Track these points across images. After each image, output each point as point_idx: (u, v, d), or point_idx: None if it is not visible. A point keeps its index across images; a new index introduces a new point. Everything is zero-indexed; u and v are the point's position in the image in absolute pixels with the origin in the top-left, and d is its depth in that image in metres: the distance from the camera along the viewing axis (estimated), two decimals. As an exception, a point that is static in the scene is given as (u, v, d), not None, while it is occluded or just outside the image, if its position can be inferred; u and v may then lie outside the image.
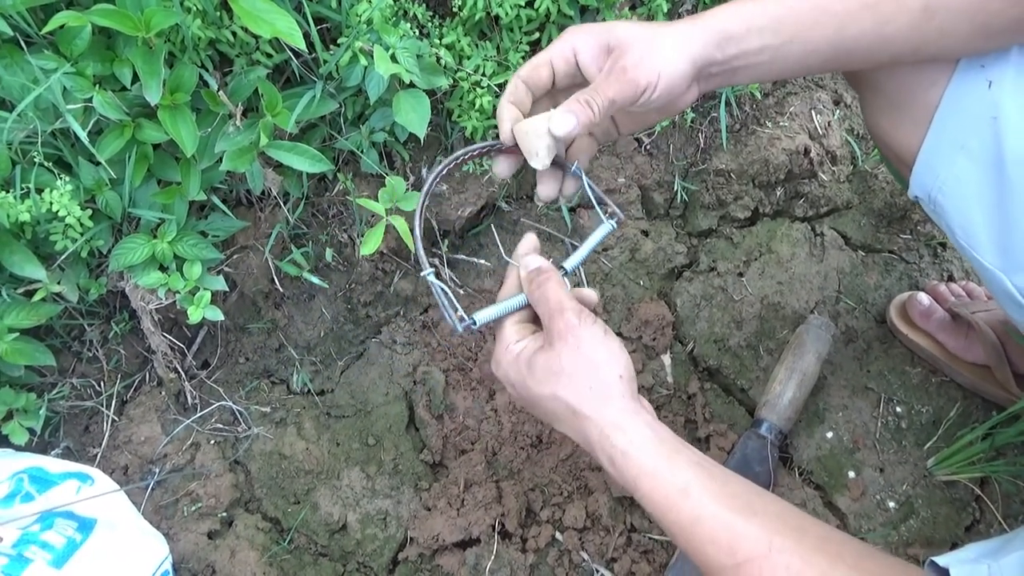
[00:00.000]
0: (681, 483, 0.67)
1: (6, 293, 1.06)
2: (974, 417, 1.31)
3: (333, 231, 1.29)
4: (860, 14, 0.75)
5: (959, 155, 0.84)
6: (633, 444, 0.70)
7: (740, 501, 0.67)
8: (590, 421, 0.72)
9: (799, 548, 0.63)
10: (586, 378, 0.72)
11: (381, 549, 1.21)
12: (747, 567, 0.63)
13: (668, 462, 0.69)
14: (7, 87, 0.95)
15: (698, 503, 0.66)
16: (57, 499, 1.06)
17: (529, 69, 0.80)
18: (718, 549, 0.65)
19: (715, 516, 0.65)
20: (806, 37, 0.76)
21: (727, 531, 0.65)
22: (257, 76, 1.05)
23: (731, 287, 1.42)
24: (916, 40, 0.77)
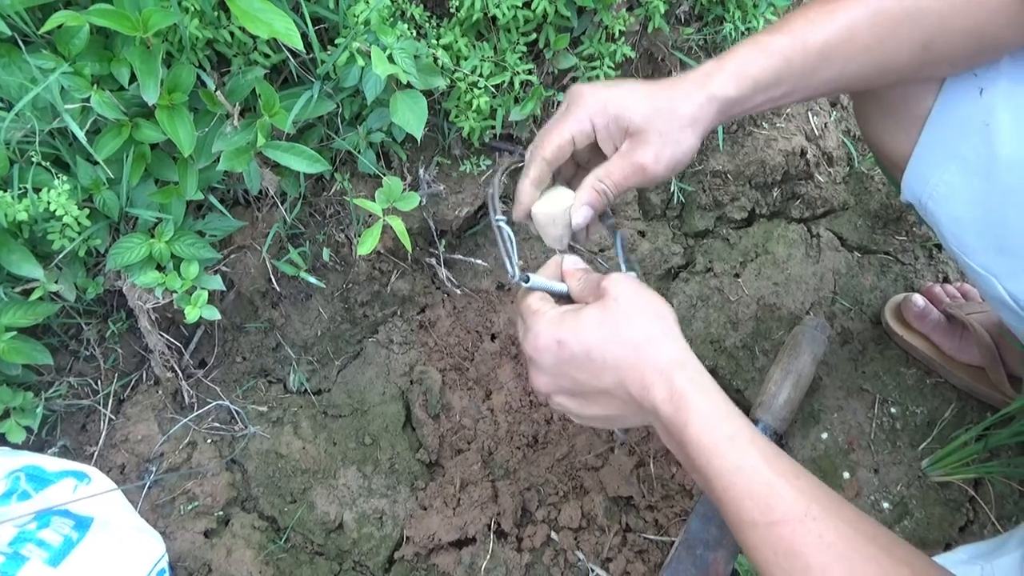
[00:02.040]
0: (731, 431, 0.66)
1: (4, 292, 1.06)
2: (968, 418, 1.31)
3: (330, 231, 1.29)
4: (860, 58, 0.76)
5: (951, 162, 0.85)
6: (693, 383, 0.68)
7: (784, 463, 0.65)
8: (652, 357, 0.69)
9: (834, 520, 0.61)
10: (649, 315, 0.71)
11: (377, 548, 1.21)
12: (779, 528, 0.62)
13: (723, 408, 0.68)
14: (5, 86, 0.95)
15: (744, 453, 0.65)
16: (54, 497, 1.06)
17: (554, 151, 0.81)
18: (754, 504, 0.63)
19: (756, 469, 0.64)
20: (807, 84, 0.78)
21: (766, 487, 0.63)
22: (255, 76, 1.05)
23: (727, 288, 1.42)
24: (914, 71, 0.80)
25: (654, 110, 0.77)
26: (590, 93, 0.80)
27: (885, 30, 0.75)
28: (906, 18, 0.74)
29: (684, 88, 0.77)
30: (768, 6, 1.34)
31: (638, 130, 0.77)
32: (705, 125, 0.78)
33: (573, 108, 0.81)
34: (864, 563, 0.59)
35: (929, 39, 0.75)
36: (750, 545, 0.64)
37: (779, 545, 0.62)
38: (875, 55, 0.76)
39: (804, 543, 0.61)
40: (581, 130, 0.80)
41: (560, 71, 1.29)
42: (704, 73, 0.77)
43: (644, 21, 1.29)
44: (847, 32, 0.75)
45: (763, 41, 0.77)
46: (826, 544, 0.60)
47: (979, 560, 0.92)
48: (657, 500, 1.23)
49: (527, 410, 1.31)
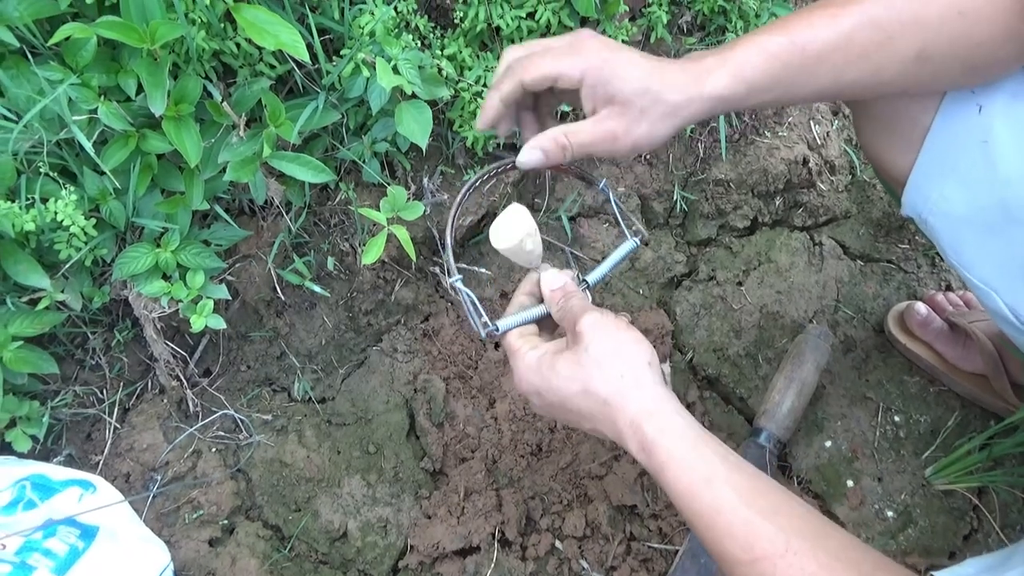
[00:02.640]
0: (706, 473, 0.68)
1: (11, 302, 1.07)
2: (972, 427, 1.31)
3: (335, 240, 1.30)
4: (856, 63, 0.76)
5: (949, 178, 0.85)
6: (663, 432, 0.70)
7: (763, 499, 0.66)
8: (621, 410, 0.72)
9: (816, 552, 0.62)
10: (617, 367, 0.72)
11: (381, 557, 1.21)
12: (762, 564, 0.63)
13: (695, 451, 0.69)
14: (14, 98, 0.96)
15: (720, 494, 0.66)
16: (59, 506, 1.07)
17: (536, 79, 0.79)
18: (735, 543, 0.65)
19: (735, 510, 0.65)
20: (802, 87, 0.78)
21: (745, 526, 0.65)
22: (261, 87, 1.06)
23: (730, 296, 1.43)
24: (909, 83, 0.80)
25: (644, 88, 0.76)
26: (593, 48, 0.78)
27: (881, 37, 0.75)
28: (902, 27, 0.74)
29: (680, 78, 0.76)
30: (770, 15, 1.35)
31: (623, 101, 0.76)
32: (688, 119, 0.77)
33: (572, 52, 0.78)
34: None
35: (924, 49, 0.75)
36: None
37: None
38: (871, 63, 0.76)
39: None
40: (570, 76, 0.78)
41: (563, 81, 1.29)
42: (704, 68, 0.77)
43: (647, 31, 1.30)
44: (845, 38, 0.75)
45: (762, 42, 0.77)
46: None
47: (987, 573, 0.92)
48: (661, 509, 1.23)
49: (531, 418, 1.31)
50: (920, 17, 0.73)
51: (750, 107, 0.81)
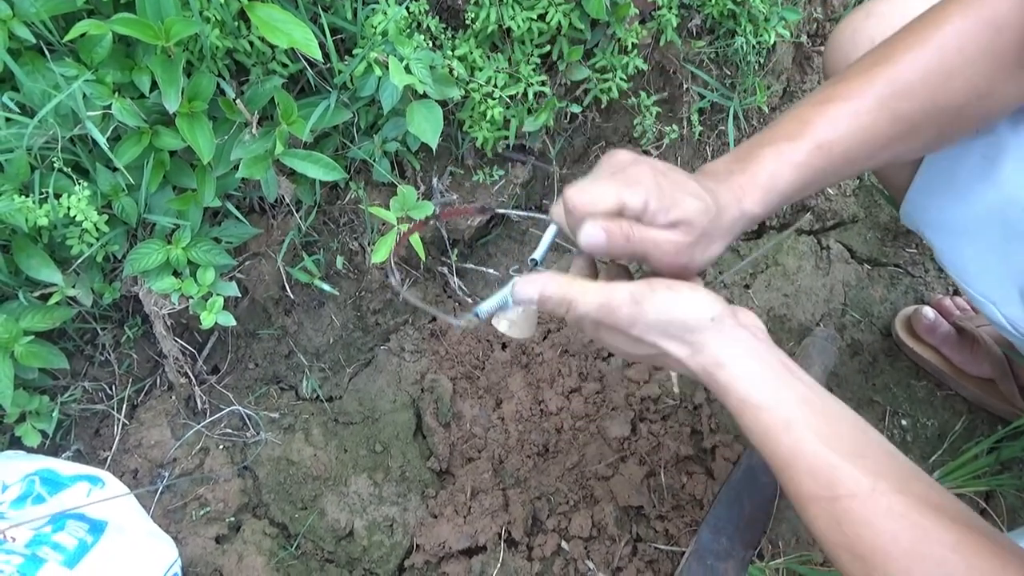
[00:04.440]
0: (784, 416, 0.66)
1: (23, 296, 1.08)
2: (979, 431, 1.31)
3: (344, 239, 1.30)
4: (880, 154, 0.76)
5: (948, 193, 0.86)
6: (735, 377, 0.68)
7: (846, 442, 0.65)
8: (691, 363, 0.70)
9: (903, 494, 0.62)
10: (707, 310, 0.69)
11: (387, 556, 1.22)
12: (844, 501, 0.62)
13: (772, 394, 0.67)
14: (29, 93, 0.96)
15: (799, 439, 0.65)
16: (68, 501, 1.07)
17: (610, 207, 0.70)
18: (815, 481, 0.64)
19: (816, 454, 0.64)
20: (829, 180, 0.77)
21: (828, 468, 0.64)
22: (273, 85, 1.07)
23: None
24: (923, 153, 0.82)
25: (703, 210, 0.71)
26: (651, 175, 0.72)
27: (906, 128, 0.74)
28: (925, 117, 0.73)
29: (727, 198, 0.73)
30: (779, 20, 1.36)
31: (688, 222, 0.71)
32: (734, 237, 0.75)
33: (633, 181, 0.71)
34: (936, 530, 0.60)
35: (944, 131, 0.76)
36: (810, 515, 0.65)
37: (844, 516, 0.62)
38: (895, 152, 0.76)
39: (873, 513, 0.61)
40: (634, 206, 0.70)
41: (573, 82, 1.30)
42: (739, 187, 0.73)
43: (656, 34, 1.31)
44: (869, 133, 0.73)
45: (786, 153, 0.74)
46: (896, 514, 0.61)
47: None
48: (668, 510, 1.23)
49: (537, 419, 1.31)
50: (940, 104, 0.73)
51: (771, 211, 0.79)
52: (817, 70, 1.59)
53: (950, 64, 0.72)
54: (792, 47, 1.53)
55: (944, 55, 0.72)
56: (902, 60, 0.74)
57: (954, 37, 0.72)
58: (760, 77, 1.46)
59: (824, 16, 1.56)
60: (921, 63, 0.73)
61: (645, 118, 1.38)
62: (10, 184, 0.99)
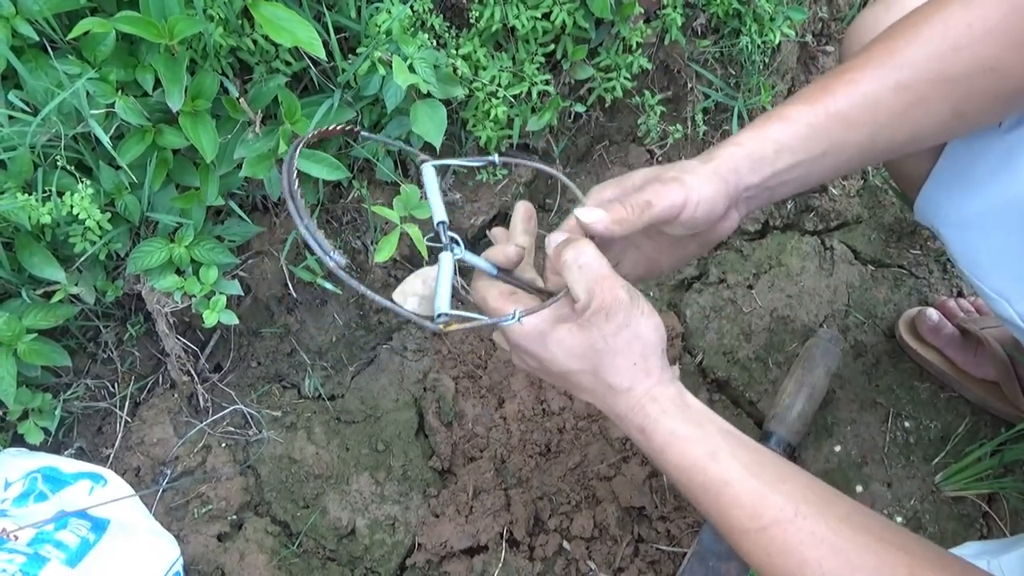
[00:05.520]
0: (710, 448, 0.67)
1: (25, 294, 1.08)
2: (983, 433, 1.31)
3: (347, 237, 1.30)
4: (889, 126, 0.74)
5: (965, 188, 0.85)
6: (665, 412, 0.69)
7: (768, 470, 0.66)
8: (625, 395, 0.70)
9: (825, 516, 0.63)
10: (631, 356, 0.70)
11: (389, 555, 1.22)
12: (772, 530, 0.63)
13: (698, 428, 0.69)
14: (32, 91, 0.96)
15: (726, 468, 0.66)
16: (70, 499, 1.07)
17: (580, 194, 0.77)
18: (742, 512, 0.65)
19: (742, 481, 0.65)
20: (837, 149, 0.74)
21: (753, 495, 0.65)
22: (277, 84, 1.06)
23: (741, 299, 1.42)
24: (944, 136, 0.78)
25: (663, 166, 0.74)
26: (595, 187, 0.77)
27: (912, 98, 0.72)
28: (932, 87, 0.72)
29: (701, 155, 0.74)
30: (785, 19, 1.35)
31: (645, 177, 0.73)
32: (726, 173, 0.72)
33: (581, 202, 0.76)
34: (859, 552, 0.60)
35: (958, 106, 0.73)
36: (744, 551, 0.66)
37: (772, 547, 0.63)
38: (905, 124, 0.74)
39: (797, 541, 0.62)
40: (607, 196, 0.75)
41: (577, 81, 1.30)
42: (721, 143, 0.75)
43: (661, 33, 1.30)
44: (872, 99, 0.72)
45: (776, 112, 0.74)
46: (819, 540, 0.62)
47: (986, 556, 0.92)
48: (670, 511, 1.23)
49: (540, 419, 1.31)
50: (948, 75, 0.71)
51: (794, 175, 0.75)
52: (822, 70, 1.59)
53: (955, 37, 0.71)
54: (797, 47, 1.52)
55: (949, 29, 0.71)
56: (903, 36, 0.73)
57: (961, 13, 0.71)
58: (765, 77, 1.45)
59: (829, 16, 1.56)
60: (924, 36, 0.72)
61: (649, 117, 1.38)
62: (13, 182, 0.99)
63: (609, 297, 0.68)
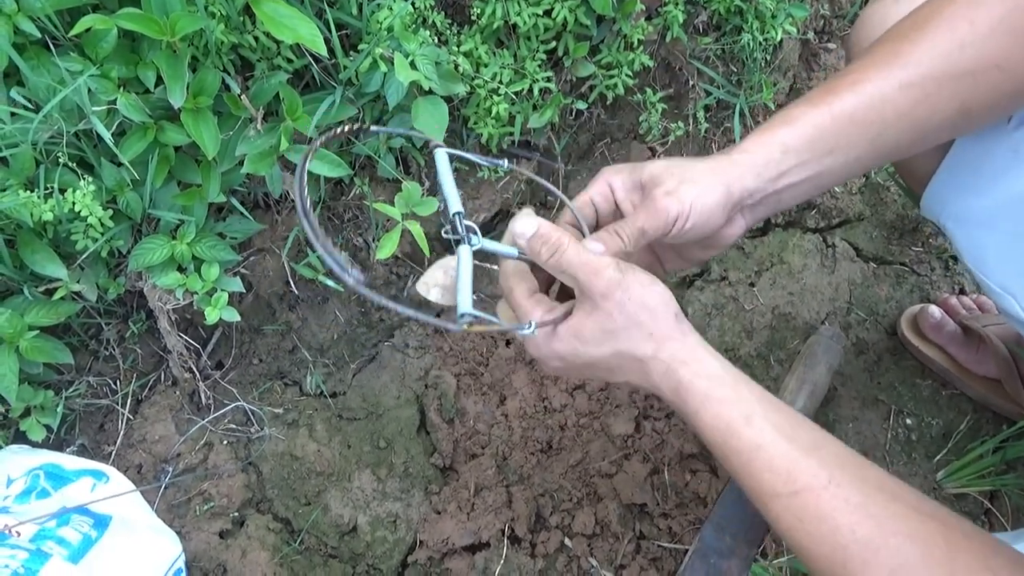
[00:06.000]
0: (745, 410, 0.67)
1: (28, 291, 1.08)
2: (984, 430, 1.31)
3: (348, 235, 1.30)
4: (895, 124, 0.73)
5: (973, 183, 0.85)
6: (698, 375, 0.69)
7: (802, 435, 0.67)
8: (654, 361, 0.71)
9: (859, 484, 0.63)
10: (645, 326, 0.70)
11: (391, 552, 1.22)
12: (803, 496, 0.63)
13: (733, 391, 0.69)
14: (34, 88, 0.96)
15: (760, 431, 0.66)
16: (72, 496, 1.07)
17: (576, 209, 0.80)
18: (775, 476, 0.65)
19: (775, 444, 0.65)
20: (844, 149, 0.74)
21: (786, 461, 0.65)
22: (278, 81, 1.06)
23: (742, 297, 1.42)
24: (951, 134, 0.78)
25: (674, 163, 0.74)
26: (610, 167, 0.80)
27: (919, 95, 0.72)
28: (937, 84, 0.72)
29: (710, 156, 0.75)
30: (786, 16, 1.35)
31: (652, 177, 0.74)
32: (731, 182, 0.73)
33: (594, 179, 0.80)
34: (892, 519, 0.61)
35: (964, 103, 0.73)
36: (773, 515, 0.66)
37: (804, 512, 0.63)
38: (911, 121, 0.73)
39: (831, 507, 0.62)
40: (599, 192, 0.79)
41: (579, 79, 1.30)
42: (727, 151, 0.75)
43: (662, 30, 1.30)
44: (878, 99, 0.72)
45: (780, 114, 0.74)
46: (852, 506, 0.62)
47: None
48: (671, 508, 1.23)
49: (541, 416, 1.31)
50: (953, 73, 0.71)
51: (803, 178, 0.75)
52: (824, 67, 1.59)
53: (960, 35, 0.71)
54: (799, 44, 1.52)
55: (954, 27, 0.71)
56: (908, 36, 0.73)
57: (965, 10, 0.71)
58: (766, 74, 1.45)
59: (831, 13, 1.56)
60: (929, 35, 0.72)
61: (651, 115, 1.38)
62: (15, 179, 0.99)
63: (600, 281, 0.70)
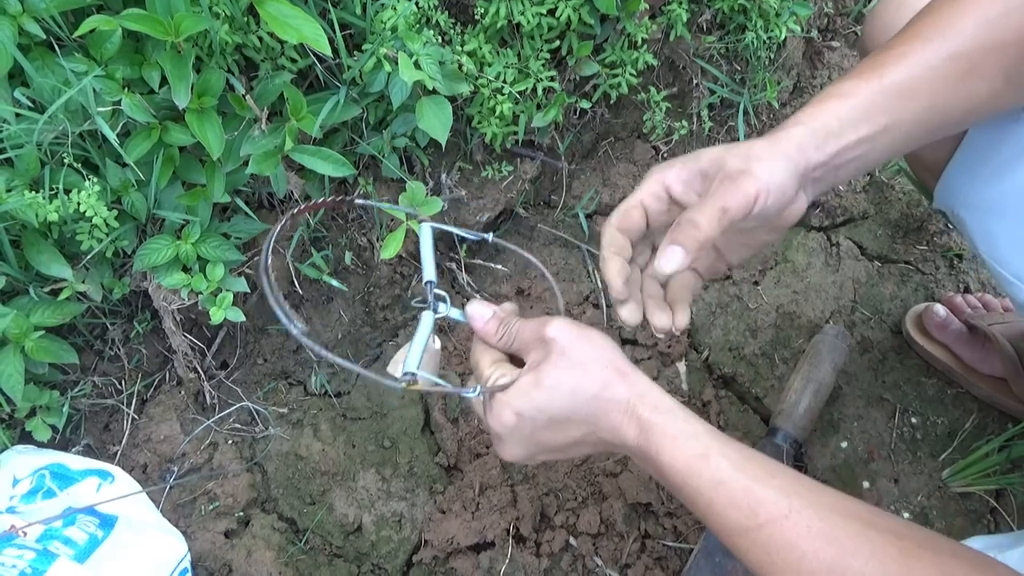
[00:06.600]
0: (702, 448, 0.68)
1: (33, 291, 1.08)
2: (990, 429, 1.31)
3: (353, 235, 1.30)
4: (944, 93, 0.73)
5: (987, 172, 0.85)
6: (656, 409, 0.70)
7: (758, 466, 0.68)
8: (613, 400, 0.71)
9: (817, 508, 0.64)
10: (599, 360, 0.72)
11: (396, 551, 1.22)
12: (769, 528, 0.64)
13: (688, 427, 0.70)
14: (39, 89, 0.96)
15: (718, 467, 0.67)
16: (78, 496, 1.08)
17: (620, 216, 0.75)
18: (739, 512, 0.66)
19: (734, 479, 0.66)
20: (897, 122, 0.73)
21: (747, 494, 0.66)
22: (282, 81, 1.06)
23: (746, 295, 1.42)
24: (998, 104, 0.77)
25: (726, 147, 0.72)
26: (659, 166, 0.75)
27: (966, 66, 0.71)
28: (984, 54, 0.71)
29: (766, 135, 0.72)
30: (790, 15, 1.35)
31: (714, 162, 0.71)
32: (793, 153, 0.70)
33: (644, 180, 0.75)
34: (852, 539, 0.62)
35: (1008, 69, 0.72)
36: (742, 550, 0.67)
37: (770, 544, 0.64)
38: (960, 91, 0.72)
39: (795, 535, 0.63)
40: (651, 192, 0.74)
41: (583, 78, 1.30)
42: (777, 128, 0.73)
43: (666, 29, 1.30)
44: (927, 69, 0.72)
45: (830, 90, 0.73)
46: (815, 532, 0.63)
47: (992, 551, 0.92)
48: (676, 507, 1.23)
49: (546, 415, 1.31)
50: (999, 41, 0.71)
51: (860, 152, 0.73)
52: (828, 65, 1.58)
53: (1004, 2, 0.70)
54: (803, 42, 1.52)
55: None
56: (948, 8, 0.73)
57: None
58: (770, 72, 1.45)
59: (835, 11, 1.55)
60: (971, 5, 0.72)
61: (655, 114, 1.37)
62: (20, 180, 0.99)
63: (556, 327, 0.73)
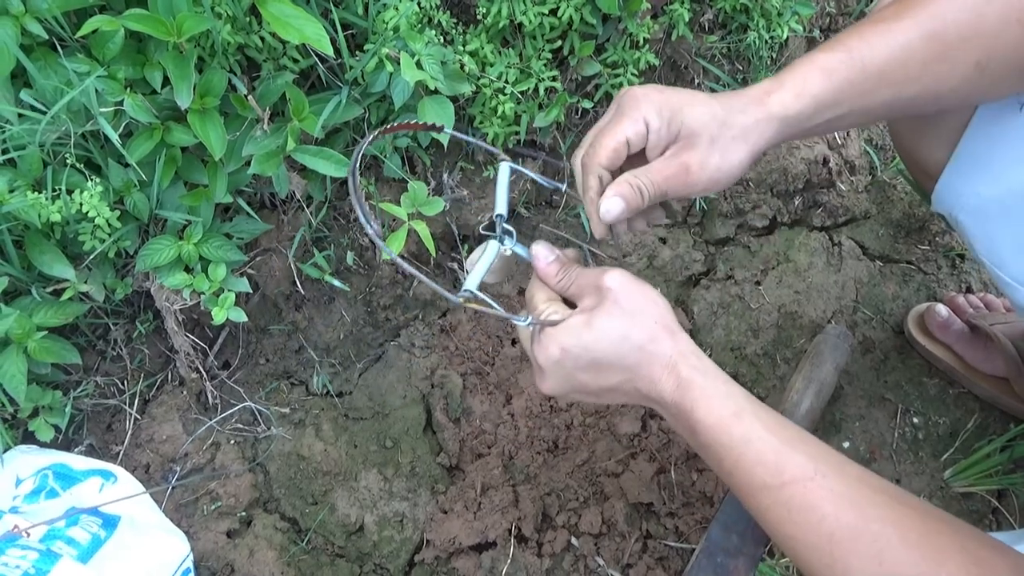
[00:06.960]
0: (736, 407, 0.72)
1: (35, 292, 1.08)
2: (992, 429, 1.31)
3: (354, 235, 1.30)
4: (917, 78, 0.75)
5: (985, 174, 0.85)
6: (696, 369, 0.73)
7: (789, 431, 0.71)
8: (657, 354, 0.74)
9: (842, 475, 0.67)
10: (651, 314, 0.75)
11: (397, 551, 1.22)
12: (792, 487, 0.67)
13: (725, 388, 0.73)
14: (41, 89, 0.96)
15: (750, 427, 0.70)
16: (81, 496, 1.08)
17: (609, 155, 0.76)
18: (765, 469, 0.68)
19: (763, 439, 0.69)
20: (865, 105, 0.76)
21: (775, 454, 0.68)
22: (284, 81, 1.06)
23: (748, 295, 1.42)
24: (969, 94, 0.78)
25: (709, 115, 0.74)
26: (644, 95, 0.76)
27: (940, 49, 0.73)
28: (960, 39, 0.73)
29: (741, 101, 0.74)
30: (792, 14, 1.35)
31: (689, 133, 0.74)
32: (759, 142, 0.75)
33: (628, 110, 0.76)
34: (872, 507, 0.64)
35: (982, 59, 0.74)
36: (763, 508, 0.69)
37: (792, 502, 0.67)
38: (931, 75, 0.75)
39: (817, 497, 0.66)
40: (637, 131, 0.75)
41: (584, 78, 1.30)
42: (763, 90, 0.75)
43: (668, 29, 1.30)
44: (904, 51, 0.73)
45: (819, 60, 0.75)
46: (837, 495, 0.65)
47: None
48: (678, 507, 1.23)
49: (547, 415, 1.31)
50: (977, 28, 0.72)
51: (817, 129, 0.77)
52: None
53: None
54: (805, 42, 1.52)
55: None
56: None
57: None
58: (772, 72, 1.45)
59: (837, 10, 1.55)
60: None
61: (656, 113, 1.37)
62: (23, 180, 0.99)
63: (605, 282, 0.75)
